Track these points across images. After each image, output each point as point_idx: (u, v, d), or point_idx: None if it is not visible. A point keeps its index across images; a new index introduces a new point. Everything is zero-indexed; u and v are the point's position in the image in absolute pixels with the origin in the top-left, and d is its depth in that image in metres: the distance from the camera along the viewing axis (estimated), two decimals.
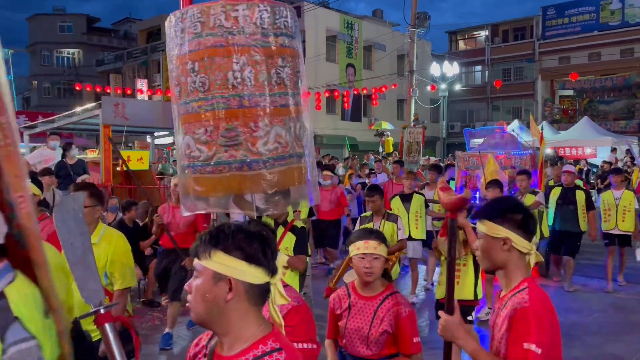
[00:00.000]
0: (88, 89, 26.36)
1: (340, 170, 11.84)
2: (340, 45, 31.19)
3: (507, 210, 2.02)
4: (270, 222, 4.37)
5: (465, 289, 4.55)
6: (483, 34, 38.41)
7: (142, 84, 25.21)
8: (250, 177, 3.06)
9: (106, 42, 46.39)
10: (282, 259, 1.57)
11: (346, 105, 25.95)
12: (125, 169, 7.49)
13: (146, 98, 23.32)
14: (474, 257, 4.38)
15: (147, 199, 7.43)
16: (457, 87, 27.42)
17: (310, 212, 8.50)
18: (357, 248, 2.68)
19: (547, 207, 7.64)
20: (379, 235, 2.75)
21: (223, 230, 1.42)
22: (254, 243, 1.42)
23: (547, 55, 34.18)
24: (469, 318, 4.57)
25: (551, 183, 9.90)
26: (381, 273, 2.70)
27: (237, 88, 2.97)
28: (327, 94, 23.60)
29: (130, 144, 15.82)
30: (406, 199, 7.06)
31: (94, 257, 1.96)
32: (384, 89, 23.02)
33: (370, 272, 2.64)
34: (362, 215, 5.85)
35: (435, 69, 21.52)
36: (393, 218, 5.47)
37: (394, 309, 2.62)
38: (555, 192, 7.69)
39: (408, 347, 2.61)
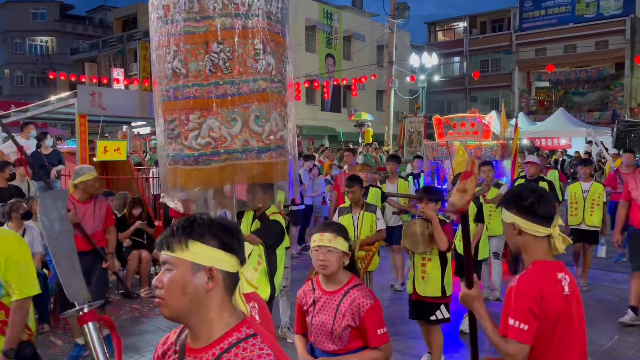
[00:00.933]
0: (62, 78, 25.71)
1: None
2: (319, 35, 31.09)
3: (513, 197, 2.17)
4: (250, 214, 4.37)
5: (430, 285, 4.31)
6: (461, 25, 38.72)
7: (118, 73, 24.83)
8: (184, 172, 2.89)
9: (81, 30, 45.32)
10: (247, 247, 1.60)
11: (326, 95, 25.91)
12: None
13: (123, 87, 22.96)
14: (440, 252, 4.26)
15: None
16: (436, 78, 27.62)
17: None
18: (314, 241, 2.64)
19: None
20: (337, 229, 2.67)
21: (196, 221, 1.42)
22: (227, 232, 1.44)
23: (524, 47, 34.63)
24: (432, 318, 4.32)
25: (523, 174, 9.87)
26: (337, 267, 2.62)
27: (171, 80, 2.84)
28: (306, 85, 23.50)
29: (106, 134, 15.58)
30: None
31: (77, 254, 1.94)
32: (363, 80, 23.05)
33: (324, 265, 2.58)
34: (341, 206, 5.70)
35: (414, 59, 21.59)
36: (372, 208, 5.37)
37: (356, 302, 2.56)
38: None
39: (373, 339, 2.56)
